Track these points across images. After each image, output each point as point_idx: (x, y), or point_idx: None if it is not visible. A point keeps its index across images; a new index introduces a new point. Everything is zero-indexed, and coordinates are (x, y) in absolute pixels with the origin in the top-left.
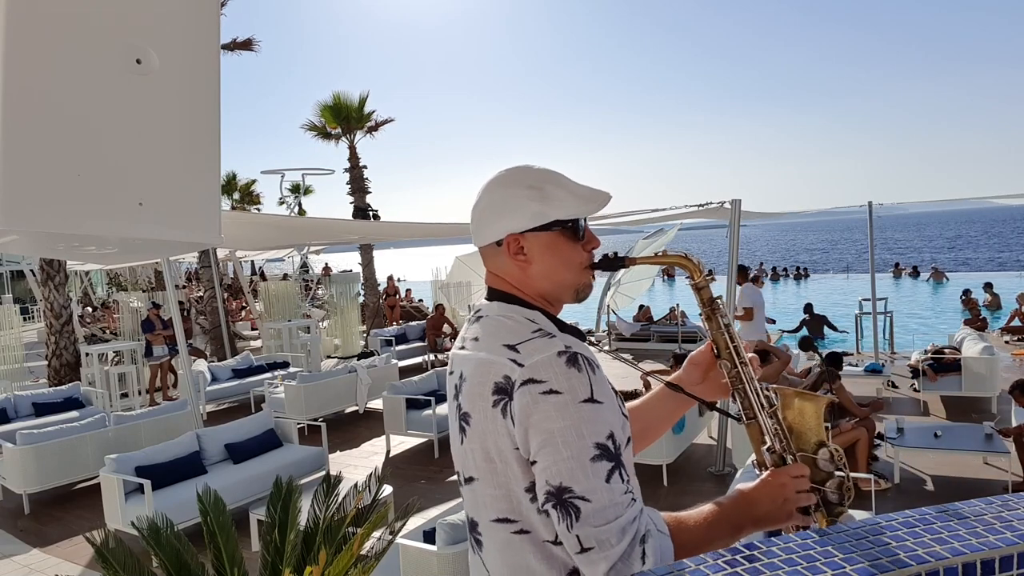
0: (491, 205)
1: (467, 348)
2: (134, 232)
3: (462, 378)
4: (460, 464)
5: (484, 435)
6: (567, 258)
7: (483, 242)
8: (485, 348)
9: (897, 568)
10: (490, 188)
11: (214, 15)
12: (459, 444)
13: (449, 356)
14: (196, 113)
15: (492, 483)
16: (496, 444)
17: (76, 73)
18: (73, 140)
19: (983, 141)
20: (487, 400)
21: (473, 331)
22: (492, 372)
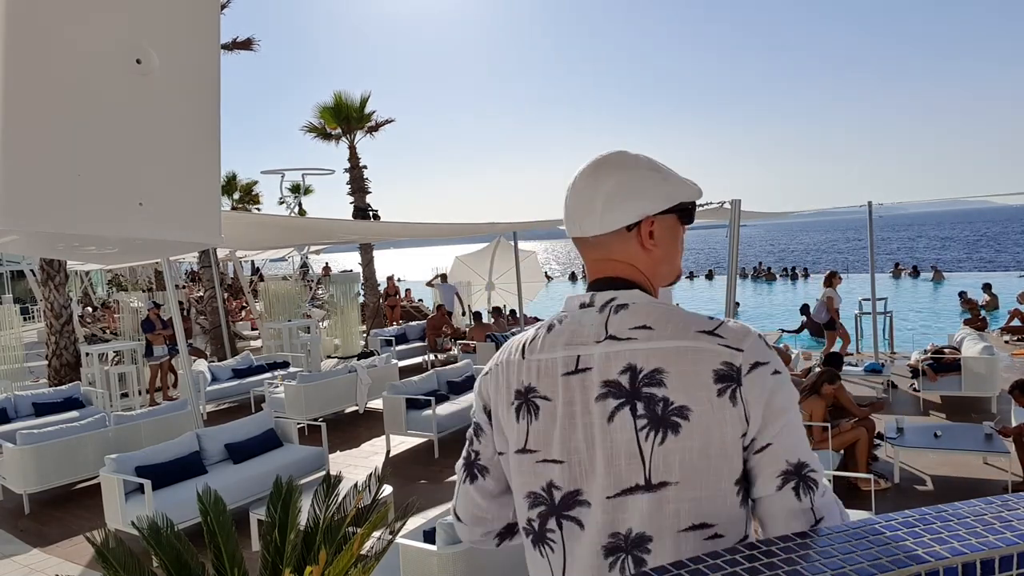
0: (621, 188)
1: (636, 338)
2: (134, 232)
3: (646, 371)
4: (654, 468)
5: (709, 428)
6: (681, 242)
7: (610, 227)
8: (673, 336)
9: (897, 568)
10: (610, 171)
11: (214, 15)
12: (655, 445)
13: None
14: (196, 113)
15: (699, 484)
16: (721, 436)
17: (76, 73)
18: (73, 140)
19: (983, 141)
20: (710, 389)
21: (627, 320)
22: (705, 359)
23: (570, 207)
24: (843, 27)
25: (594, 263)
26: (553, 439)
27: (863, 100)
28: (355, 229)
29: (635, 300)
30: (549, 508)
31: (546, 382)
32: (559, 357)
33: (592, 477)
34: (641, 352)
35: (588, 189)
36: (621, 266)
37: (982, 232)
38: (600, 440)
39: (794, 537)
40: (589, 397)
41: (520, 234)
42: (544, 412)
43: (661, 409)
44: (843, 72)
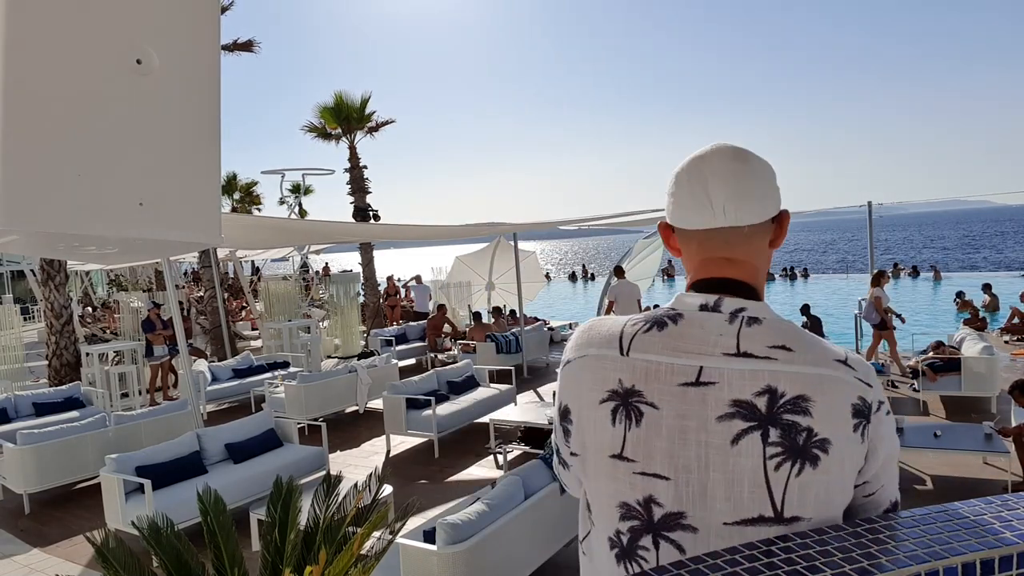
0: (771, 174)
1: (776, 358)
2: (134, 232)
3: (788, 396)
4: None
5: (843, 463)
6: None
7: (767, 215)
8: (815, 362)
9: (897, 568)
10: (757, 158)
11: (214, 15)
12: (791, 476)
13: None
14: (196, 113)
15: (826, 518)
16: (852, 472)
17: (76, 73)
18: (73, 140)
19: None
20: (848, 423)
21: (764, 336)
22: (846, 393)
23: (717, 192)
24: (843, 27)
25: (710, 262)
26: (656, 451)
27: (863, 100)
28: (355, 230)
29: (766, 315)
30: (645, 525)
31: (655, 388)
32: (676, 364)
33: (703, 501)
34: (784, 375)
35: (743, 173)
36: (743, 268)
37: (983, 232)
38: (718, 463)
39: (794, 537)
40: (710, 415)
41: (520, 234)
42: (648, 420)
43: (804, 439)
44: (843, 72)
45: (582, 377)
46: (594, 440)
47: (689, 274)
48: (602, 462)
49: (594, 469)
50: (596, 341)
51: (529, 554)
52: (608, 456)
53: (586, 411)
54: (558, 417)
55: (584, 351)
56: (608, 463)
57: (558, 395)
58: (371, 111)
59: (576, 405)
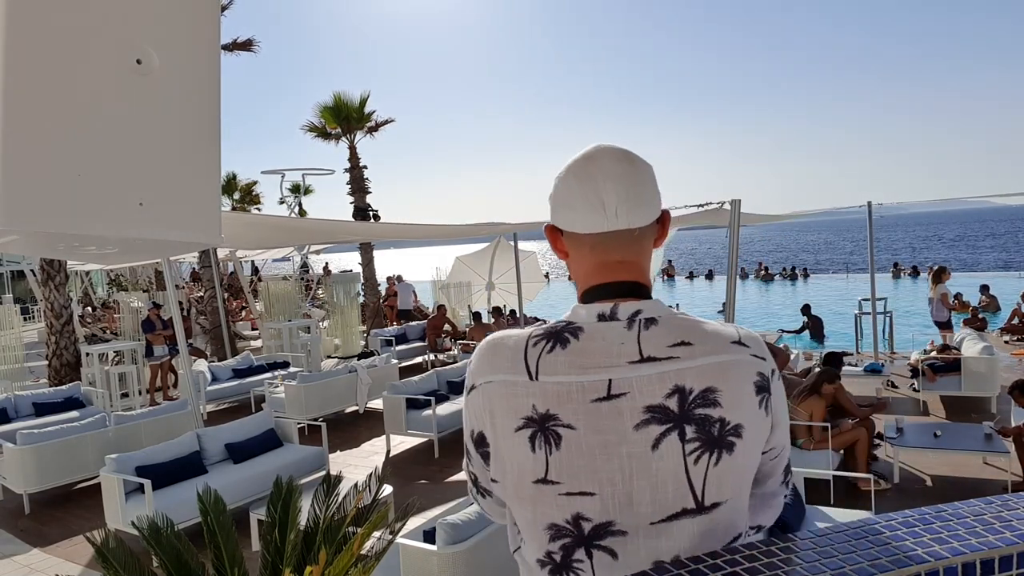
0: (652, 178)
1: (678, 356)
2: (134, 232)
3: (696, 391)
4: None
5: (756, 442)
6: None
7: (647, 220)
8: (715, 351)
9: (897, 568)
10: (637, 161)
11: (214, 15)
12: (709, 467)
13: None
14: (196, 113)
15: (743, 496)
16: (761, 447)
17: (76, 73)
18: (73, 140)
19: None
20: (754, 402)
21: (662, 336)
22: (747, 373)
23: (610, 195)
24: (843, 27)
25: (603, 265)
26: (580, 470)
27: (863, 100)
28: (355, 230)
29: (660, 312)
30: (576, 539)
31: (569, 409)
32: (586, 381)
33: (629, 508)
34: (688, 371)
35: (632, 175)
36: (633, 268)
37: (983, 232)
38: (641, 470)
39: (794, 537)
40: (626, 425)
41: (520, 234)
42: (568, 442)
43: (718, 430)
44: (843, 72)
45: (493, 405)
46: (514, 467)
47: (579, 279)
48: (525, 487)
49: (517, 495)
50: (501, 366)
51: None
52: (531, 481)
53: (502, 439)
54: (472, 444)
55: (489, 377)
56: (532, 488)
57: (468, 421)
58: (371, 111)
59: (491, 433)
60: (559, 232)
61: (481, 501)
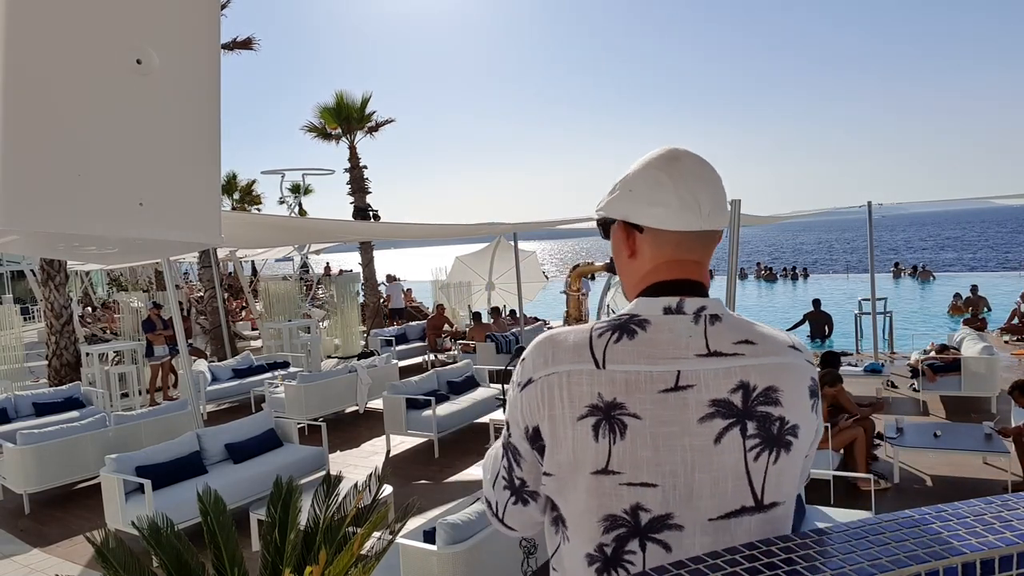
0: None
1: (743, 353)
2: (134, 232)
3: (760, 389)
4: (738, 497)
5: (809, 442)
6: None
7: (726, 223)
8: (775, 352)
9: (897, 568)
10: (714, 168)
11: (214, 15)
12: (769, 465)
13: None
14: (196, 113)
15: (794, 496)
16: (808, 450)
17: (76, 73)
18: (73, 140)
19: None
20: (808, 405)
21: (727, 333)
22: (803, 377)
23: (704, 195)
24: (843, 27)
25: (679, 263)
26: (642, 461)
27: (863, 100)
28: (355, 230)
29: (722, 311)
30: (632, 530)
31: (637, 398)
32: (655, 371)
33: (689, 501)
34: (753, 369)
35: (717, 180)
36: (703, 268)
37: (983, 232)
38: (703, 463)
39: (794, 537)
40: (691, 417)
41: (520, 234)
42: (632, 431)
43: (777, 429)
44: (843, 72)
45: (553, 395)
46: (573, 458)
47: (638, 277)
48: (583, 479)
49: (573, 487)
50: (563, 357)
51: None
52: (591, 472)
53: (561, 429)
54: (525, 442)
55: (551, 369)
56: (590, 479)
57: (519, 420)
58: (371, 111)
59: (548, 425)
60: (634, 229)
61: (519, 512)
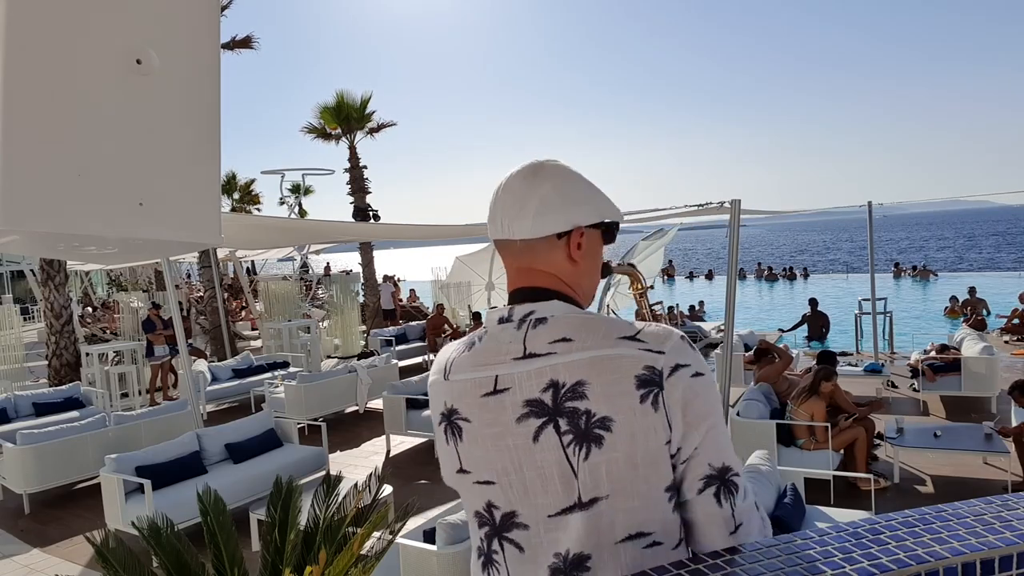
0: (557, 192)
1: (556, 352)
2: (134, 232)
3: (568, 384)
4: (583, 485)
5: (633, 437)
6: (601, 261)
7: (541, 232)
8: (594, 346)
9: (897, 568)
10: (548, 176)
11: (214, 15)
12: (580, 461)
13: (461, 378)
14: (196, 113)
15: (630, 494)
16: (646, 444)
17: (76, 73)
18: (73, 140)
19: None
20: (633, 396)
21: (547, 334)
22: (626, 366)
23: (499, 207)
24: (844, 28)
25: (516, 271)
26: (479, 460)
27: (863, 100)
28: (355, 230)
29: (554, 312)
30: (492, 529)
31: (465, 403)
32: (477, 377)
33: (527, 498)
34: (562, 366)
35: (523, 190)
36: (543, 276)
37: (984, 232)
38: (528, 461)
39: (794, 537)
40: (510, 418)
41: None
42: (467, 434)
43: (584, 423)
44: (843, 72)
45: (431, 405)
46: (443, 459)
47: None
48: (452, 478)
49: (450, 484)
50: (434, 369)
51: None
52: (455, 472)
53: (437, 434)
54: None
55: (430, 379)
56: (456, 478)
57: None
58: (371, 111)
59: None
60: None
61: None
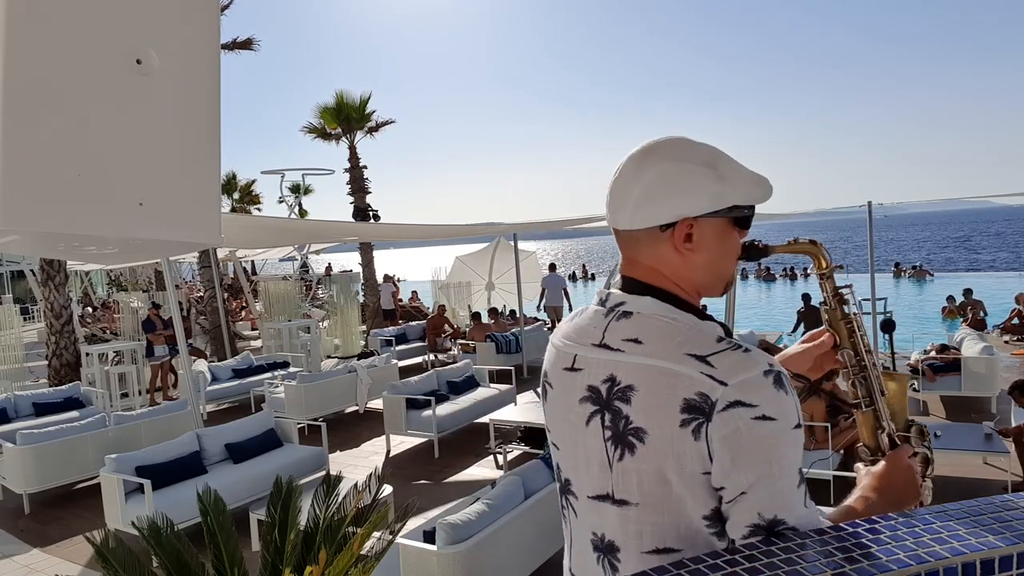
0: (662, 182)
1: (623, 350)
2: (134, 232)
3: (621, 385)
4: (615, 484)
5: (664, 456)
6: (732, 248)
7: (644, 224)
8: (659, 355)
9: (897, 568)
10: (656, 162)
11: (214, 15)
12: (615, 460)
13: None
14: (196, 113)
15: (660, 509)
16: (679, 466)
17: (76, 73)
18: (73, 140)
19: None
20: (674, 418)
21: (625, 330)
22: (680, 386)
23: (609, 194)
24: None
25: (624, 260)
26: (553, 423)
27: (863, 100)
28: (355, 230)
29: (642, 309)
30: (561, 486)
31: (552, 371)
32: (563, 351)
33: (577, 472)
34: (624, 365)
35: (629, 177)
36: (644, 269)
37: (984, 232)
38: (580, 440)
39: (794, 537)
40: (576, 397)
41: (520, 234)
42: (549, 398)
43: (622, 426)
44: (844, 72)
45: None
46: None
47: None
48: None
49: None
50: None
51: (529, 554)
52: (547, 429)
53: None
54: None
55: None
56: (549, 435)
57: None
58: (371, 111)
59: None
60: None
61: None
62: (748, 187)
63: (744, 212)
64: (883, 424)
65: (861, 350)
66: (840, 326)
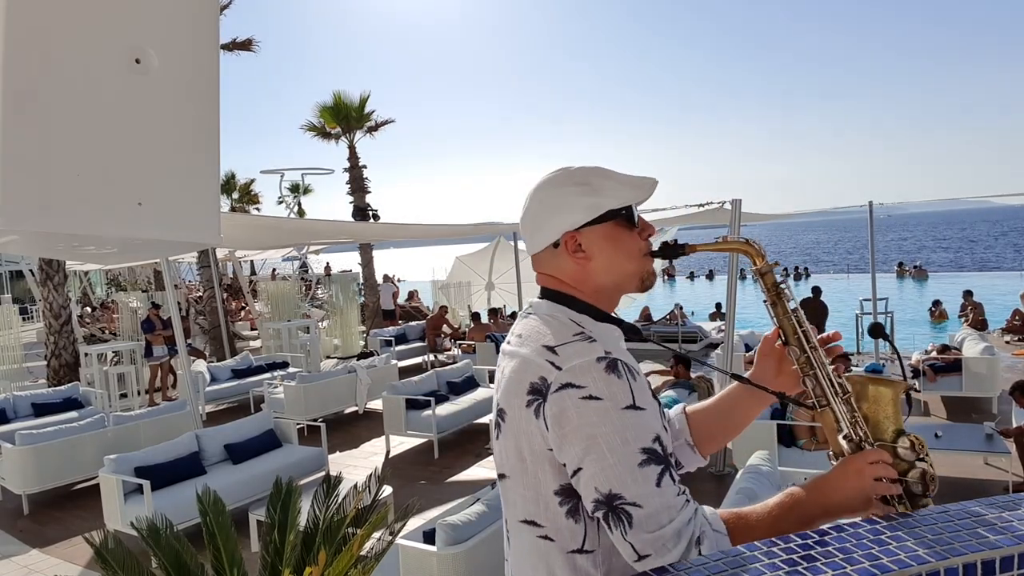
0: (541, 208)
1: (512, 344)
2: (134, 232)
3: (503, 374)
4: (496, 459)
5: (518, 434)
6: (627, 248)
7: (539, 247)
8: (527, 346)
9: (897, 568)
10: (536, 193)
11: (214, 15)
12: (495, 439)
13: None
14: (196, 113)
15: (522, 483)
16: (529, 443)
17: (76, 73)
18: (73, 140)
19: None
20: (522, 399)
21: (519, 328)
22: (529, 371)
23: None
24: (845, 28)
25: (537, 276)
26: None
27: (863, 100)
28: (355, 230)
29: (538, 310)
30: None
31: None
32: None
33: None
34: (507, 358)
35: (523, 212)
36: (545, 278)
37: (984, 232)
38: (492, 430)
39: (794, 537)
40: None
41: (520, 234)
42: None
43: (497, 408)
44: (843, 72)
45: None
46: None
47: None
48: None
49: None
50: None
51: None
52: None
53: None
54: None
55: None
56: None
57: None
58: (370, 110)
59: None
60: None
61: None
62: (621, 191)
63: (621, 213)
64: (842, 426)
65: (806, 346)
66: (783, 322)
